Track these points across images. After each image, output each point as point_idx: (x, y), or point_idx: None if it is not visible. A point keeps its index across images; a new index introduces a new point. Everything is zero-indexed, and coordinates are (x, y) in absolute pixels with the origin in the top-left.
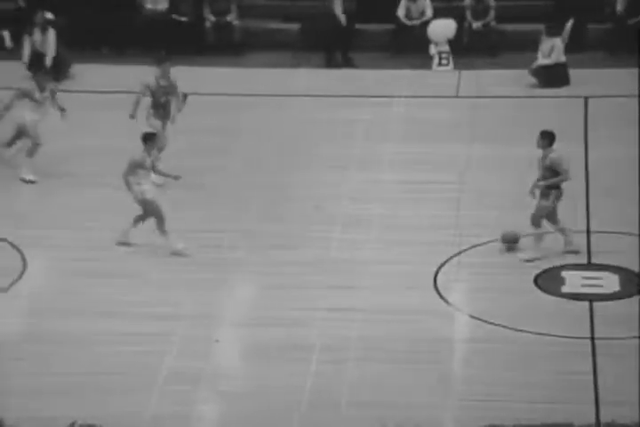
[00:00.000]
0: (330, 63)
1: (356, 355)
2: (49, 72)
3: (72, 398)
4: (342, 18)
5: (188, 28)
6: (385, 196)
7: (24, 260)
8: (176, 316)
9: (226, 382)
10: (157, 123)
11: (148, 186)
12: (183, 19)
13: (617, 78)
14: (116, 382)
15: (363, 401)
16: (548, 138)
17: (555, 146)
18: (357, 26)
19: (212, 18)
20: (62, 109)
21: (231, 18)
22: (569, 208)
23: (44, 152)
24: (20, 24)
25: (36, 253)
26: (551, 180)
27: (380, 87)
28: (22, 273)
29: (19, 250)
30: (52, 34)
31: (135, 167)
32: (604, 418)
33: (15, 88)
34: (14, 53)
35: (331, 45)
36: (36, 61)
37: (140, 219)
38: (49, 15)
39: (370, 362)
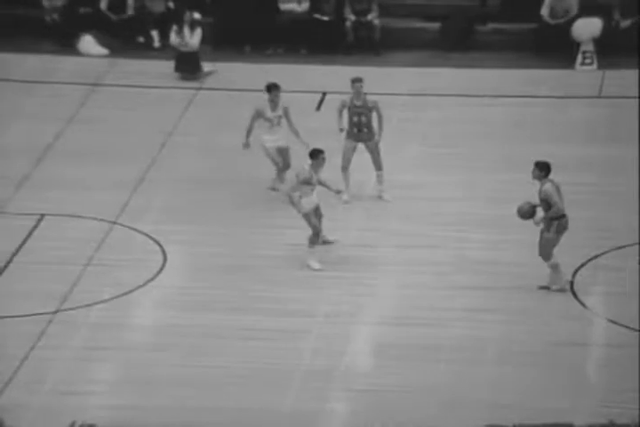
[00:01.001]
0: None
1: (490, 356)
2: (192, 70)
3: (211, 390)
4: None
5: (329, 28)
6: (524, 196)
7: (164, 254)
8: (311, 313)
9: (360, 380)
10: (350, 143)
11: (307, 199)
12: (325, 18)
13: None
14: (252, 376)
15: (497, 403)
16: (543, 169)
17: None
18: (500, 25)
19: (353, 17)
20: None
21: (372, 17)
22: None
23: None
24: (169, 24)
25: (176, 248)
26: (548, 213)
27: (520, 86)
28: (162, 267)
29: (159, 244)
30: (198, 33)
31: (301, 184)
32: None
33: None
34: (162, 53)
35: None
36: (183, 61)
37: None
38: (196, 15)
39: (504, 364)
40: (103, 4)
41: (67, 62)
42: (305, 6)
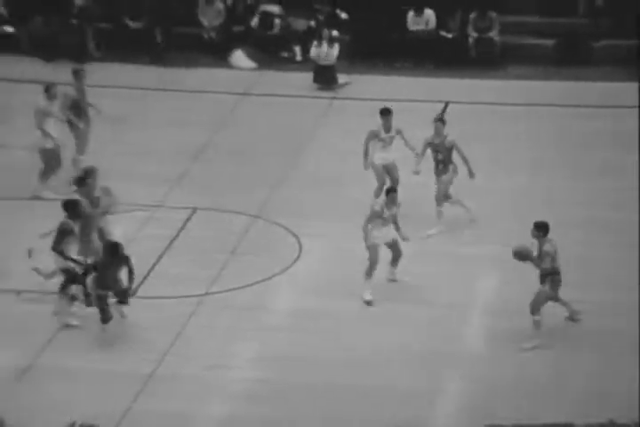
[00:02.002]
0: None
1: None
2: (329, 81)
3: (341, 369)
4: None
5: (453, 44)
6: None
7: (300, 245)
8: (432, 302)
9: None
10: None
11: (377, 232)
12: (449, 35)
13: None
14: (374, 359)
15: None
16: (541, 229)
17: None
18: (610, 41)
19: (475, 34)
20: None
21: (493, 34)
22: None
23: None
24: (310, 41)
25: (311, 239)
26: (542, 269)
27: (628, 99)
28: (298, 257)
29: (296, 236)
30: (335, 49)
31: (374, 217)
32: None
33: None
34: (303, 66)
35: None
36: (321, 73)
37: (393, 261)
38: (334, 32)
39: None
40: (254, 23)
41: (220, 74)
42: (432, 25)
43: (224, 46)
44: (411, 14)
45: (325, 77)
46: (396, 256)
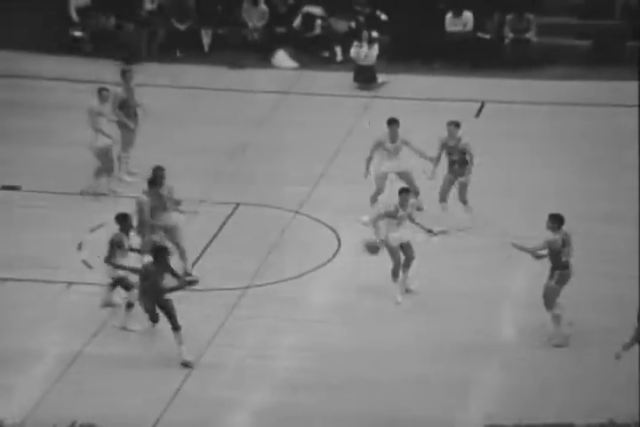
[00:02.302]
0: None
1: None
2: (369, 81)
3: (387, 360)
4: None
5: (490, 44)
6: None
7: (339, 240)
8: (479, 294)
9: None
10: (448, 176)
11: (393, 234)
12: (486, 36)
13: None
14: (409, 350)
15: None
16: (556, 221)
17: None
18: None
19: (512, 35)
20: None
21: (530, 35)
22: None
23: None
24: (350, 41)
25: (349, 235)
26: (552, 263)
27: None
28: (337, 251)
29: (335, 232)
30: (375, 49)
31: (386, 216)
32: None
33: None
34: (343, 66)
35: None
36: (361, 72)
37: (405, 264)
38: (374, 33)
39: None
40: (296, 24)
41: (263, 74)
42: (470, 26)
43: (267, 47)
44: (449, 16)
45: (365, 77)
46: (409, 258)
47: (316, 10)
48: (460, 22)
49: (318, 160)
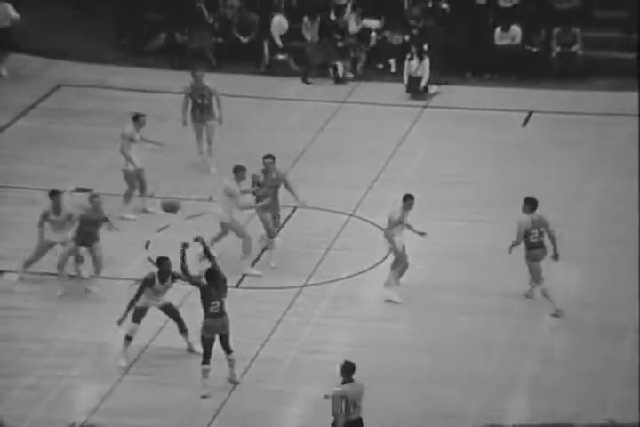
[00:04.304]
0: None
1: None
2: (420, 91)
3: (435, 356)
4: None
5: (538, 57)
6: None
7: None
8: (511, 294)
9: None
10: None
11: (398, 238)
12: (534, 49)
13: None
14: (456, 347)
15: None
16: (529, 204)
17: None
18: None
19: (559, 48)
20: None
21: (576, 48)
22: None
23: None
24: (404, 54)
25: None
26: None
27: None
28: (389, 253)
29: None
30: (427, 62)
31: (395, 224)
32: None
33: None
34: (397, 77)
35: None
36: (413, 83)
37: (398, 268)
38: (425, 47)
39: None
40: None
41: (322, 84)
42: (518, 40)
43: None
44: (498, 30)
45: (417, 88)
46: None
47: (373, 23)
48: (509, 36)
49: (372, 166)
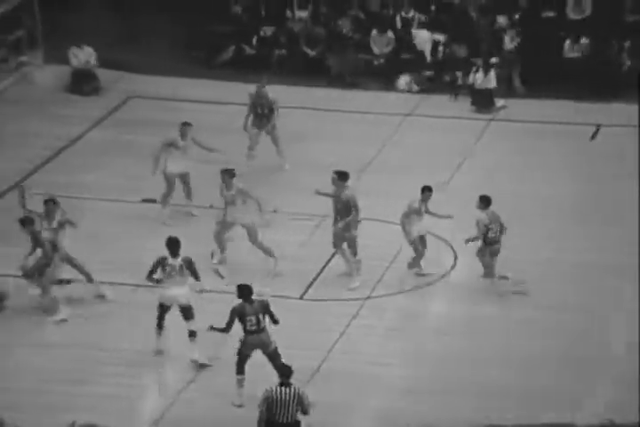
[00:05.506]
0: None
1: None
2: (487, 105)
3: (501, 369)
4: None
5: (608, 70)
6: None
7: (455, 255)
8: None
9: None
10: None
11: (414, 228)
12: (604, 62)
13: None
14: (521, 360)
15: None
16: (483, 202)
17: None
18: None
19: (629, 62)
20: None
21: None
22: None
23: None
24: (470, 66)
25: (467, 251)
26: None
27: None
28: (454, 266)
29: (452, 247)
30: (493, 74)
31: (411, 213)
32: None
33: None
34: (463, 90)
35: None
36: (479, 96)
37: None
38: (493, 59)
39: None
40: (427, 54)
41: (388, 97)
42: (587, 53)
43: (392, 71)
44: (567, 42)
45: (483, 101)
46: (424, 248)
47: (440, 37)
48: (579, 49)
49: (436, 179)
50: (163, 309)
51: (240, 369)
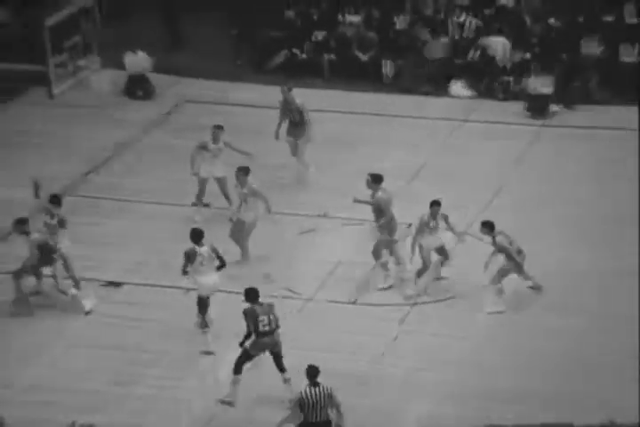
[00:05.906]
0: None
1: None
2: (541, 110)
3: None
4: None
5: None
6: None
7: None
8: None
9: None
10: None
11: (425, 241)
12: None
13: None
14: (557, 366)
15: None
16: (487, 227)
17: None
18: None
19: None
20: None
21: None
22: None
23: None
24: (524, 71)
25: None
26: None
27: None
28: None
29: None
30: (548, 79)
31: (423, 226)
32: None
33: None
34: (516, 95)
35: None
36: (533, 102)
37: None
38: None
39: None
40: (472, 56)
41: (440, 102)
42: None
43: (446, 77)
44: (623, 46)
45: (537, 106)
46: (445, 259)
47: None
48: (635, 53)
49: (488, 184)
50: (203, 302)
51: (238, 369)
